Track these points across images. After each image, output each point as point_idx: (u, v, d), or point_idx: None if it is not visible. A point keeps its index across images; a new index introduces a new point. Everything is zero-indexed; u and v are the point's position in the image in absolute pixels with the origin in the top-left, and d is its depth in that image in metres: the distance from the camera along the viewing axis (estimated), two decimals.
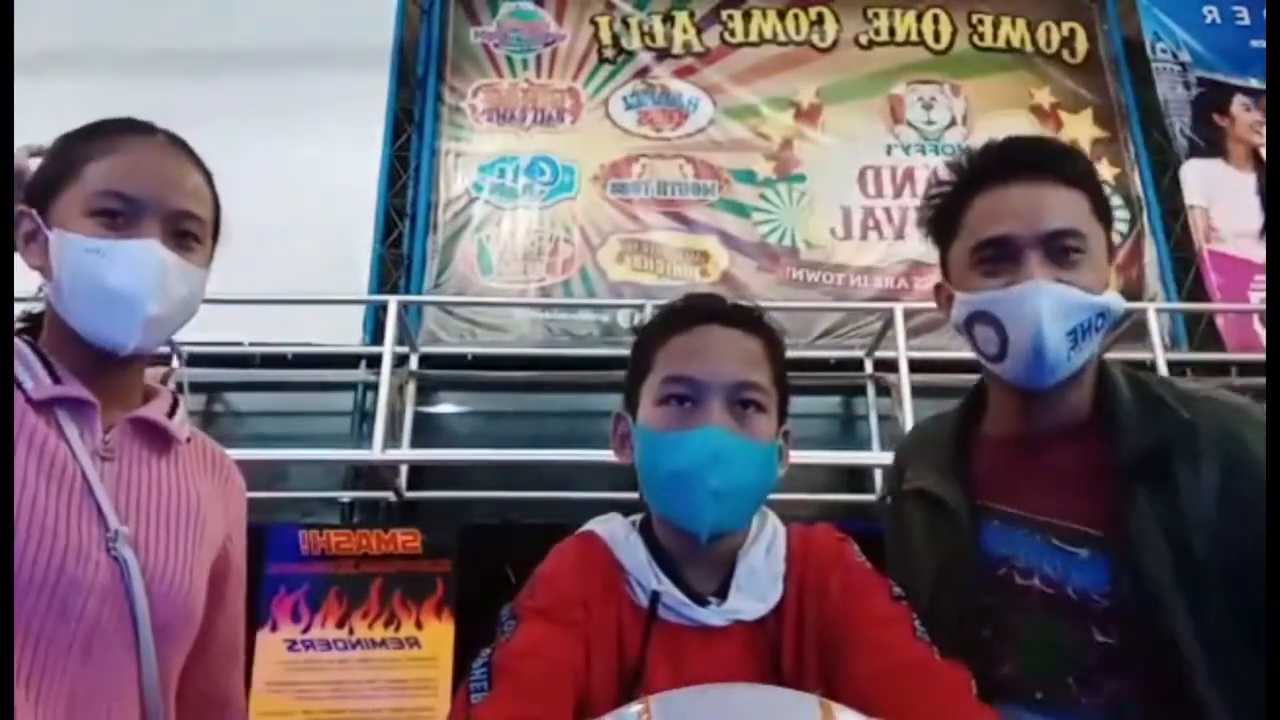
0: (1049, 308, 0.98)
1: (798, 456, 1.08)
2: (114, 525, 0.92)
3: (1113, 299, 1.02)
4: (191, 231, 1.03)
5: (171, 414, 1.06)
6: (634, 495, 1.04)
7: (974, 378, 1.19)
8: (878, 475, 3.95)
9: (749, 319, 1.02)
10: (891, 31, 5.55)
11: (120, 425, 0.99)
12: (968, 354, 1.12)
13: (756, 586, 0.96)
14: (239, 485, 1.16)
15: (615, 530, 1.03)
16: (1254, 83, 5.43)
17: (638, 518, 1.05)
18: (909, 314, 4.03)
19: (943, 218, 1.11)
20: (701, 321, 1.01)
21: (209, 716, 1.11)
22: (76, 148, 1.01)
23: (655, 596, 0.95)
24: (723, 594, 0.96)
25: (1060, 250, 1.01)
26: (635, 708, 0.70)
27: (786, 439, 1.04)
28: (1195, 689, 0.91)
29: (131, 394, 1.04)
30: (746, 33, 5.50)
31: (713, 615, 0.94)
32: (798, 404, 1.03)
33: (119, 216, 0.97)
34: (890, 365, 4.10)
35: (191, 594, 0.99)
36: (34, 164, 1.08)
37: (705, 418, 0.95)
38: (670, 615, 0.95)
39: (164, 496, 1.00)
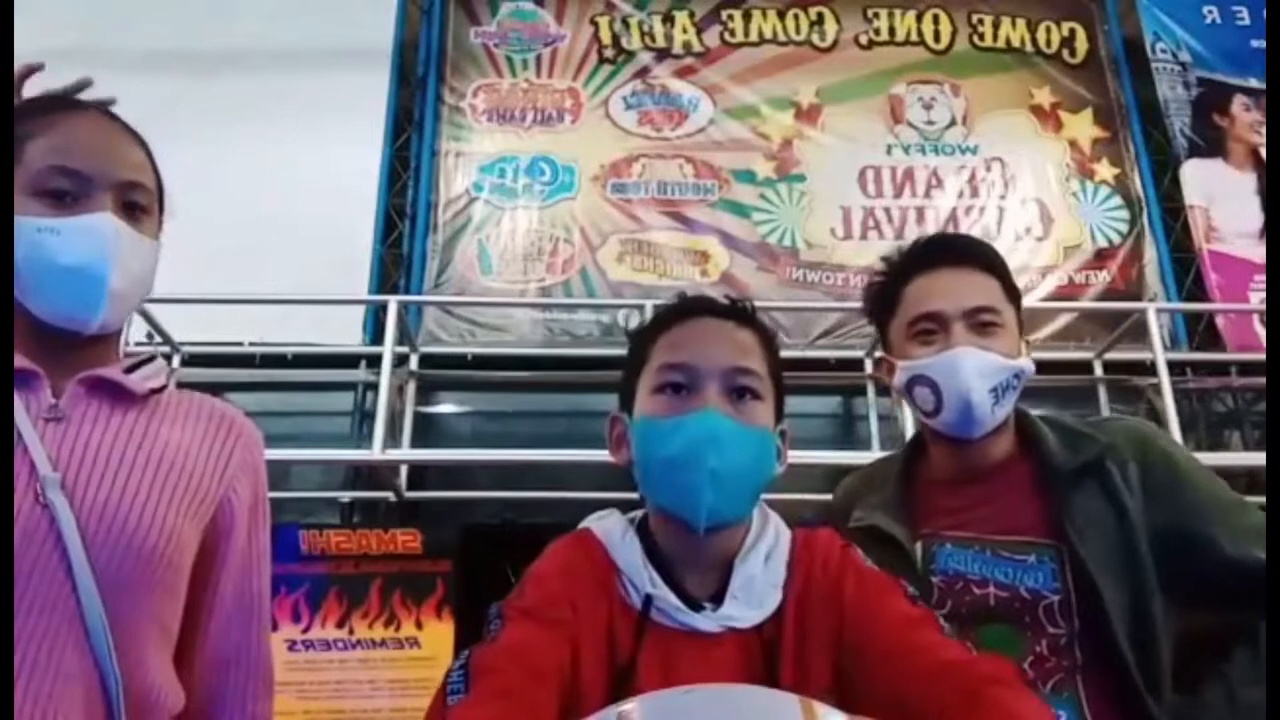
0: (974, 369, 1.18)
1: (797, 456, 1.10)
2: (43, 472, 0.92)
3: (1025, 363, 1.22)
4: (140, 203, 1.02)
5: (132, 371, 1.04)
6: (634, 495, 1.04)
7: None
8: None
9: (742, 313, 1.04)
10: (891, 31, 5.55)
11: (70, 388, 0.98)
12: None
13: (752, 594, 0.95)
14: (246, 436, 1.13)
15: (612, 528, 1.02)
16: (1254, 83, 5.43)
17: (637, 514, 1.05)
18: None
19: (882, 300, 1.31)
20: (695, 315, 1.02)
21: (222, 677, 1.08)
22: (13, 129, 1.00)
23: (648, 599, 0.94)
24: (719, 599, 0.95)
25: (980, 324, 1.21)
26: (619, 708, 0.69)
27: (784, 438, 1.03)
28: (1123, 654, 1.10)
29: (103, 366, 1.03)
30: (746, 33, 5.51)
31: (706, 621, 0.93)
32: (798, 404, 1.04)
33: (67, 195, 0.97)
34: None
35: (144, 534, 0.96)
36: (28, 86, 1.08)
37: (702, 402, 0.95)
38: (663, 619, 0.94)
39: (119, 446, 0.99)
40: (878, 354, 1.35)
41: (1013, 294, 1.27)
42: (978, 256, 1.27)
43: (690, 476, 0.92)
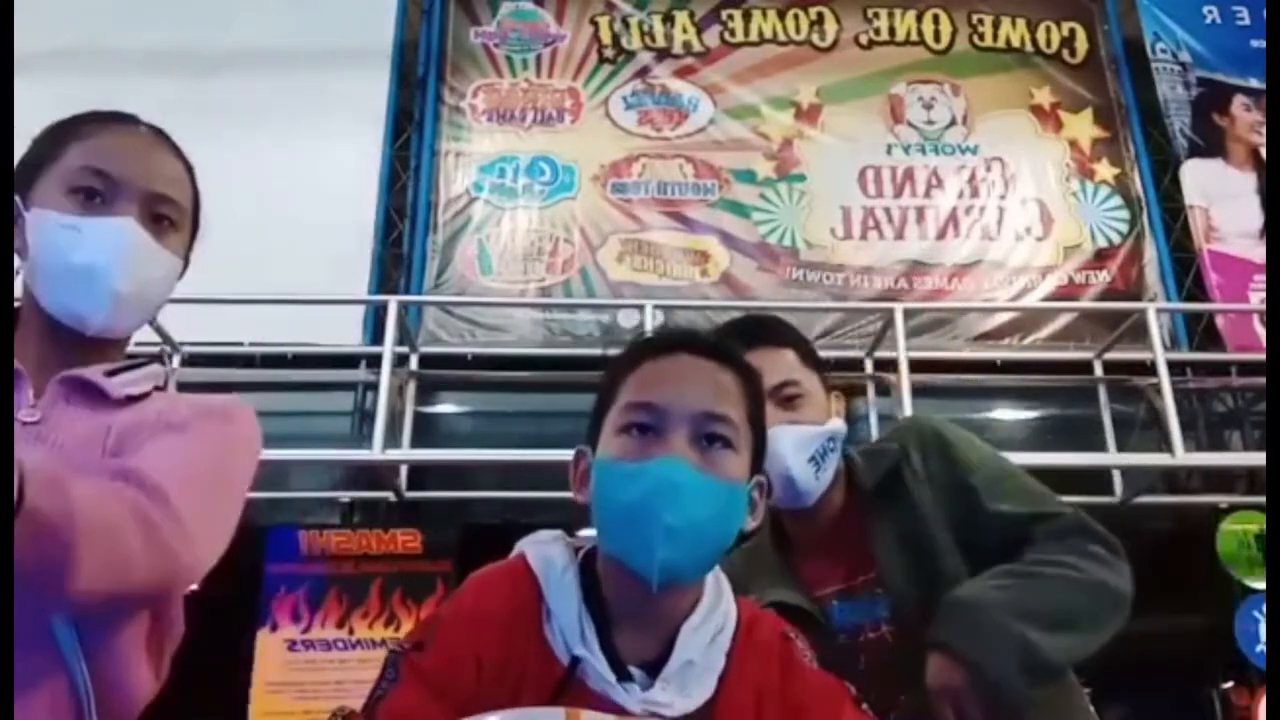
0: (789, 445, 1.21)
1: None
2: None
3: (835, 426, 1.28)
4: (167, 215, 1.03)
5: (116, 374, 1.03)
6: None
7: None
8: None
9: (724, 353, 0.96)
10: (891, 31, 5.55)
11: (50, 388, 0.98)
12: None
13: (687, 681, 0.87)
14: (239, 418, 1.09)
15: (552, 559, 0.94)
16: (1254, 83, 5.43)
17: (585, 542, 0.96)
18: (909, 314, 4.02)
19: None
20: (672, 350, 0.94)
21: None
22: (61, 133, 1.02)
23: (575, 660, 0.86)
24: (655, 667, 0.87)
25: (785, 398, 1.25)
26: None
27: (761, 490, 0.96)
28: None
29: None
30: (746, 32, 5.51)
31: (631, 701, 0.84)
32: None
33: (96, 196, 0.98)
34: (890, 365, 4.09)
35: None
36: None
37: (667, 448, 0.87)
38: (588, 682, 0.86)
39: (88, 449, 0.97)
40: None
41: (810, 359, 1.32)
42: (769, 335, 1.32)
43: (645, 528, 0.84)
